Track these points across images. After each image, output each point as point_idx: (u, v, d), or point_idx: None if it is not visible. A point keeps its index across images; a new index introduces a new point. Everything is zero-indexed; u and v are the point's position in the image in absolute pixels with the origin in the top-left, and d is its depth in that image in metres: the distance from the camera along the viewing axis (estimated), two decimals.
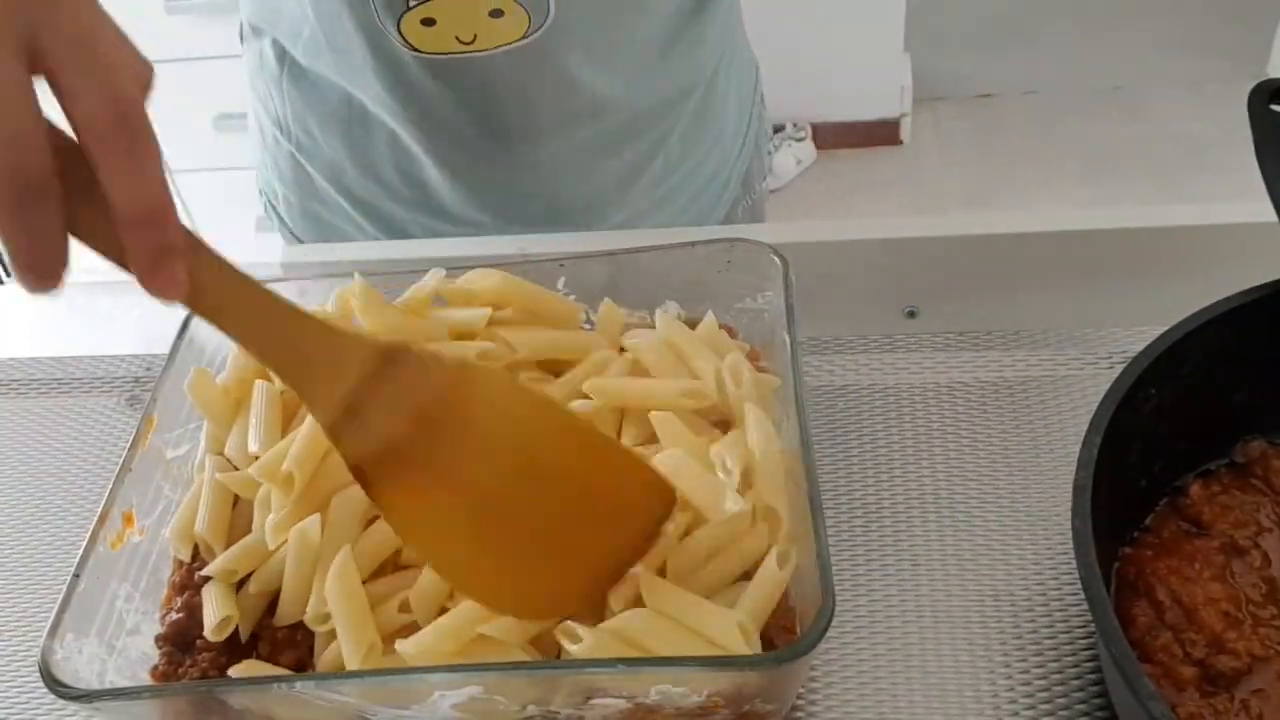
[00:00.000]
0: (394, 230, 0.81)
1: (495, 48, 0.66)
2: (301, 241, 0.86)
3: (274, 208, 0.88)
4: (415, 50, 0.67)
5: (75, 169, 0.33)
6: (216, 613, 0.48)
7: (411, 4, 0.64)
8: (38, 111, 0.33)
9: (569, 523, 0.41)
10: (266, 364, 0.40)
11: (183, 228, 0.36)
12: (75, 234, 0.35)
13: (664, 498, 0.44)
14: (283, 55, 0.75)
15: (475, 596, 0.42)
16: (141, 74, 0.36)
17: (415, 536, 0.42)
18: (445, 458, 0.39)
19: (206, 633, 0.48)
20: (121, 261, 0.36)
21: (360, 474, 0.40)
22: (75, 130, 0.34)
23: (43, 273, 0.34)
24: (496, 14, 0.64)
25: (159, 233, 0.35)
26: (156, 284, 0.36)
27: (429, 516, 0.40)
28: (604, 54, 0.71)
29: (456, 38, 0.65)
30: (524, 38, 0.66)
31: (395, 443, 0.39)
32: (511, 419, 0.40)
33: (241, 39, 0.80)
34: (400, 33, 0.65)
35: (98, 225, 0.35)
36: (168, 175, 0.35)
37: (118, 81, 0.34)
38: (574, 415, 0.42)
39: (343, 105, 0.75)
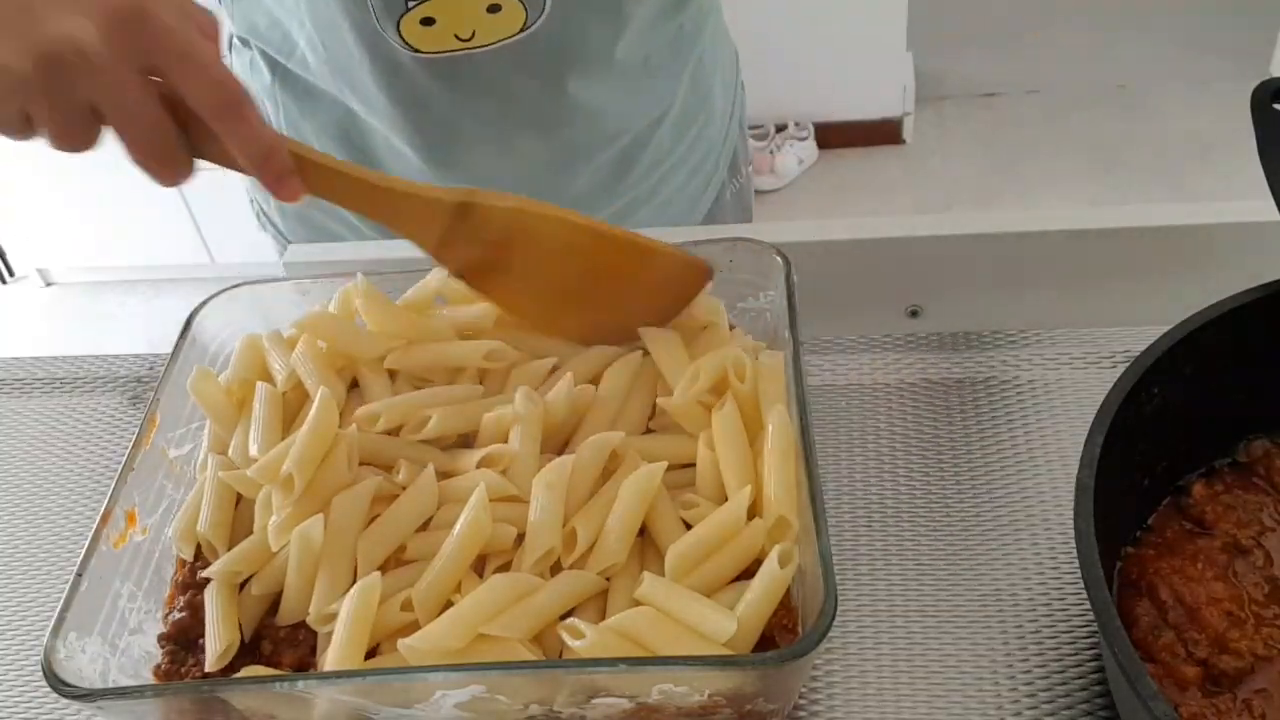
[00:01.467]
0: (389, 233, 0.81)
1: (493, 43, 0.67)
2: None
3: (265, 214, 0.88)
4: (414, 50, 0.67)
5: (197, 119, 0.46)
6: (218, 642, 0.48)
7: (410, 4, 0.64)
8: (159, 107, 0.45)
9: (621, 294, 0.56)
10: (376, 221, 0.52)
11: (289, 150, 0.48)
12: (204, 157, 0.48)
13: (699, 272, 0.56)
14: (274, 64, 0.76)
15: (557, 335, 0.58)
16: (212, 32, 0.47)
17: (510, 309, 0.57)
18: (517, 266, 0.54)
19: (209, 666, 0.48)
20: (235, 167, 0.48)
21: (462, 278, 0.55)
22: (196, 111, 0.45)
23: (181, 181, 0.48)
24: (494, 9, 0.65)
25: (275, 163, 0.47)
26: (282, 196, 0.49)
27: (516, 299, 0.56)
28: (599, 50, 0.71)
29: (455, 35, 0.66)
30: (521, 31, 0.66)
31: (478, 261, 0.54)
32: (561, 237, 0.53)
33: (230, 48, 0.80)
34: (400, 34, 0.66)
35: (216, 151, 0.48)
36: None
37: (211, 71, 0.45)
38: (613, 229, 0.54)
39: (339, 112, 0.75)
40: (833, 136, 2.40)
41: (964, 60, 2.51)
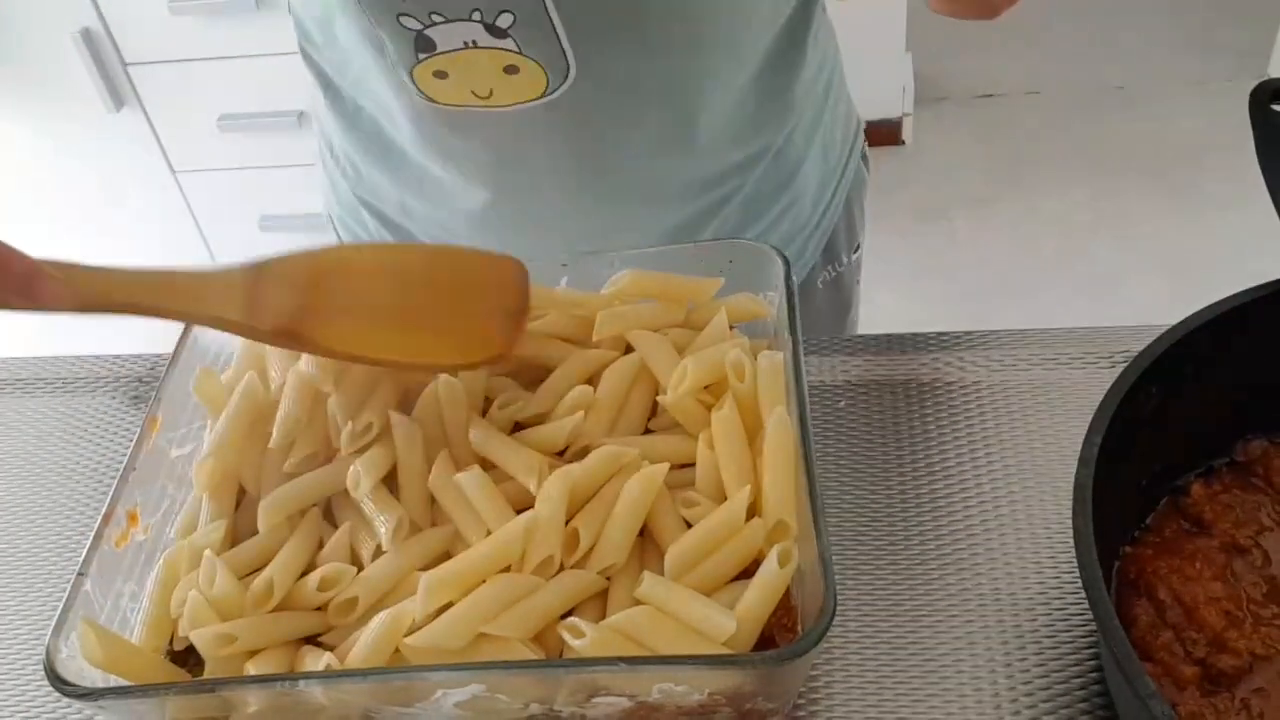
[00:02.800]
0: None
1: (513, 104, 0.63)
2: None
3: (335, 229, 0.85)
4: (431, 100, 0.64)
5: None
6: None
7: (421, 57, 0.61)
8: None
9: (447, 301, 0.55)
10: (175, 319, 0.50)
11: (32, 262, 0.46)
12: None
13: (508, 264, 0.56)
14: (328, 84, 0.72)
15: (400, 360, 0.54)
16: None
17: (345, 346, 0.52)
18: (338, 300, 0.52)
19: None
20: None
21: (281, 339, 0.52)
22: None
23: None
24: (511, 70, 0.61)
25: (10, 277, 0.45)
26: (32, 304, 0.45)
27: (346, 334, 0.52)
28: (635, 119, 0.66)
29: (472, 92, 0.62)
30: (543, 96, 0.62)
31: (291, 311, 0.51)
32: (363, 258, 0.56)
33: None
34: (414, 83, 0.63)
35: None
36: None
37: None
38: (423, 245, 0.57)
39: (376, 132, 0.72)
40: None
41: (963, 61, 2.51)
